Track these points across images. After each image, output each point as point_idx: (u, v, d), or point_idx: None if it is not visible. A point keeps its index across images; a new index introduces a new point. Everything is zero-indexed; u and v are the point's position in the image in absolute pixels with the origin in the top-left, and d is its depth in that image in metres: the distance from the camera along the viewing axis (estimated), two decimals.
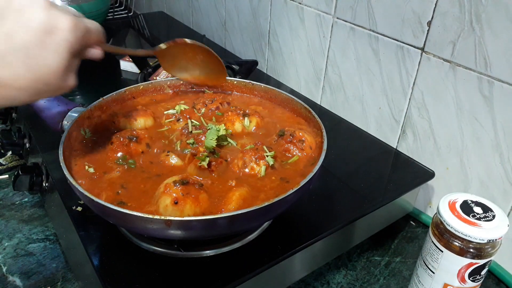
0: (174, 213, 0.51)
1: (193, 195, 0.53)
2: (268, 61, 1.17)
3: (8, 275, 0.69)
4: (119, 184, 0.57)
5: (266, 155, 0.61)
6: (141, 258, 0.58)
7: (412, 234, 0.81)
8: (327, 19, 0.93)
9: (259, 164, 0.60)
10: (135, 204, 0.55)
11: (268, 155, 0.61)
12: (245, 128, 0.70)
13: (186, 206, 0.52)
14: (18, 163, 0.95)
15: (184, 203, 0.52)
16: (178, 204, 0.52)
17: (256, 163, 0.60)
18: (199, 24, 1.45)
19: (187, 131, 0.67)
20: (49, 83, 0.45)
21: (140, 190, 0.57)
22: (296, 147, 0.64)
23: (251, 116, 0.71)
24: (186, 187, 0.53)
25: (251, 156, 0.61)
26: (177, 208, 0.52)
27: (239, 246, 0.60)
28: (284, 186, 0.58)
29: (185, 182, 0.54)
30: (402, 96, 0.83)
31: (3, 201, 0.85)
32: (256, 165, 0.60)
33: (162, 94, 0.80)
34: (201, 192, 0.54)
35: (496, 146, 0.69)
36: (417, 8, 0.75)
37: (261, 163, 0.60)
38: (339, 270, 0.72)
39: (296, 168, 0.62)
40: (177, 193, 0.52)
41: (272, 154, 0.61)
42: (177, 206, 0.52)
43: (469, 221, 0.54)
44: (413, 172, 0.80)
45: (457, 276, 0.56)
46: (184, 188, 0.53)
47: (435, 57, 0.75)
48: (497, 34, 0.65)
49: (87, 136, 0.66)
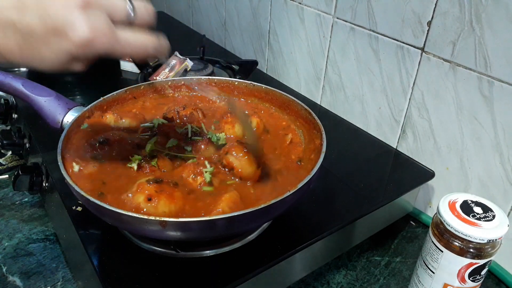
0: (148, 211, 0.51)
1: (167, 192, 0.52)
2: (268, 61, 1.16)
3: (8, 275, 0.69)
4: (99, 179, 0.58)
5: (205, 171, 0.58)
6: (141, 258, 0.58)
7: (412, 234, 0.81)
8: (327, 19, 0.93)
9: (196, 180, 0.57)
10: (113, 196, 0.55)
11: (207, 171, 0.58)
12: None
13: (160, 203, 0.51)
14: (18, 163, 0.95)
15: (158, 199, 0.51)
16: (151, 200, 0.51)
17: (193, 178, 0.58)
18: (199, 24, 1.45)
19: (186, 137, 0.65)
20: (44, 68, 0.43)
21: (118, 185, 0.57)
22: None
23: (251, 117, 0.71)
24: (160, 185, 0.53)
25: (189, 171, 0.58)
26: (151, 204, 0.51)
27: (239, 246, 0.60)
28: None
29: (159, 181, 0.54)
30: (402, 96, 0.83)
31: (3, 201, 0.85)
32: (193, 181, 0.57)
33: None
34: (175, 190, 0.53)
35: (496, 146, 0.69)
36: (417, 8, 0.75)
37: (198, 179, 0.57)
38: (339, 270, 0.72)
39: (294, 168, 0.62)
40: (150, 190, 0.52)
41: (211, 170, 0.58)
42: (150, 202, 0.51)
43: (469, 221, 0.54)
44: (413, 172, 0.80)
45: (457, 276, 0.56)
46: (158, 186, 0.53)
47: (435, 57, 0.75)
48: (497, 34, 0.65)
49: (82, 128, 0.66)
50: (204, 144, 0.64)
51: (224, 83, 0.80)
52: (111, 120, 0.69)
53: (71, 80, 1.13)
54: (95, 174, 0.59)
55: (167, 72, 1.00)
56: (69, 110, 0.68)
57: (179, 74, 1.00)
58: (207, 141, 0.64)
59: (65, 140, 0.61)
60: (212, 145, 0.64)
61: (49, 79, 0.68)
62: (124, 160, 0.61)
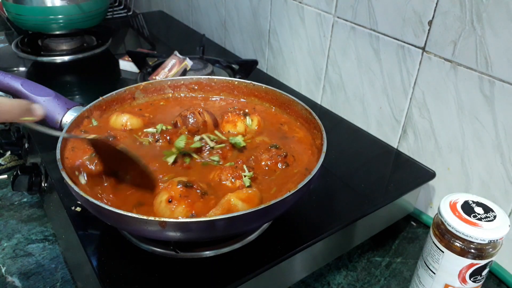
0: (165, 211, 0.51)
1: (189, 200, 0.52)
2: (268, 60, 1.16)
3: (7, 275, 0.69)
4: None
5: (244, 175, 0.58)
6: (140, 258, 0.58)
7: (413, 234, 0.81)
8: (328, 18, 0.93)
9: (235, 184, 0.57)
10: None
11: (246, 175, 0.58)
12: (247, 127, 0.70)
13: (178, 208, 0.51)
14: (17, 163, 0.95)
15: (178, 204, 0.51)
16: (171, 202, 0.51)
17: (231, 182, 0.58)
18: (199, 23, 1.45)
19: (209, 147, 0.64)
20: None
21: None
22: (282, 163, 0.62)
23: (252, 115, 0.71)
24: (188, 190, 0.53)
25: (227, 174, 0.58)
26: (169, 206, 0.51)
27: (239, 246, 0.60)
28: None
29: (189, 185, 0.53)
30: (403, 96, 0.82)
31: (2, 201, 0.84)
32: (231, 184, 0.57)
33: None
34: (200, 200, 0.53)
35: (497, 146, 0.69)
36: (418, 7, 0.74)
37: (237, 182, 0.57)
38: (340, 271, 0.72)
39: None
40: (175, 192, 0.52)
41: (251, 175, 0.58)
42: (170, 204, 0.51)
43: (470, 221, 0.54)
44: (414, 172, 0.80)
45: (458, 277, 0.56)
46: (185, 191, 0.52)
47: (436, 57, 0.74)
48: (498, 33, 0.64)
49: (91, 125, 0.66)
50: (227, 150, 0.64)
51: (224, 82, 0.80)
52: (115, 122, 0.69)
53: (70, 80, 1.13)
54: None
55: (167, 72, 1.00)
56: (68, 109, 0.68)
57: (179, 73, 0.99)
58: (230, 146, 0.65)
59: (64, 140, 0.60)
60: (235, 149, 0.65)
61: (48, 79, 0.68)
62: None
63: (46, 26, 1.16)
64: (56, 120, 0.67)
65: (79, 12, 1.15)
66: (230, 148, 0.64)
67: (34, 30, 1.20)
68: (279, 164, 0.62)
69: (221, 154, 0.63)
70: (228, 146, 0.64)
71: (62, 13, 1.14)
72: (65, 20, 1.15)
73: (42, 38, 1.24)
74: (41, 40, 1.24)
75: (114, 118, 0.70)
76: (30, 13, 1.13)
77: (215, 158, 0.62)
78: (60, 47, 1.23)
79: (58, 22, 1.15)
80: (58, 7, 1.13)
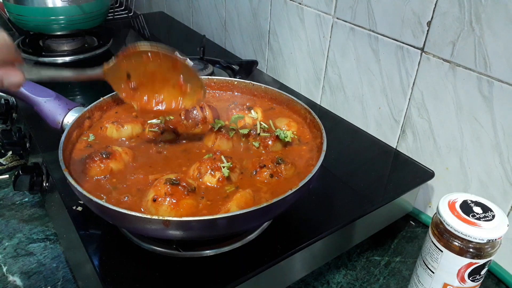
0: (151, 210, 0.52)
1: (174, 199, 0.52)
2: (268, 61, 1.17)
3: (9, 275, 0.69)
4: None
5: (223, 166, 0.58)
6: (141, 258, 0.58)
7: (411, 234, 0.81)
8: (327, 19, 0.93)
9: (214, 175, 0.58)
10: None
11: (225, 166, 0.58)
12: (254, 120, 0.71)
13: (162, 207, 0.52)
14: (19, 163, 0.95)
15: (161, 202, 0.52)
16: (155, 202, 0.52)
17: (211, 174, 0.58)
18: (199, 24, 1.45)
19: (255, 133, 0.67)
20: None
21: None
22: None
23: (255, 108, 0.72)
24: (174, 188, 0.53)
25: (206, 166, 0.59)
26: (154, 206, 0.52)
27: (239, 246, 0.60)
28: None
29: (176, 183, 0.53)
30: (402, 96, 0.83)
31: (3, 201, 0.85)
32: (211, 176, 0.58)
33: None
34: (185, 198, 0.53)
35: (495, 146, 0.69)
36: (416, 8, 0.75)
37: (217, 174, 0.58)
38: (339, 270, 0.72)
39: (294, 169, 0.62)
40: (162, 189, 0.52)
41: (229, 165, 0.59)
42: (154, 203, 0.52)
43: (469, 221, 0.54)
44: (412, 172, 0.80)
45: (457, 276, 0.56)
46: (172, 188, 0.52)
47: (434, 57, 0.75)
48: (497, 34, 0.65)
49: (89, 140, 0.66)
50: (272, 140, 0.66)
51: (224, 82, 0.80)
52: (112, 132, 0.68)
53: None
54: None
55: None
56: (69, 110, 0.68)
57: None
58: (274, 138, 0.67)
59: (66, 140, 0.61)
60: (279, 141, 0.67)
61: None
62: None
63: (47, 27, 1.17)
64: (57, 120, 0.68)
65: (80, 12, 1.16)
66: (274, 140, 0.66)
67: (36, 30, 1.21)
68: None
69: (262, 143, 0.66)
70: (273, 138, 0.66)
71: (63, 14, 1.14)
72: (66, 20, 1.16)
73: (43, 38, 1.25)
74: (43, 40, 1.25)
75: (110, 130, 0.68)
76: (31, 14, 1.14)
77: (256, 143, 0.66)
78: (61, 47, 1.23)
79: (59, 23, 1.16)
80: (60, 7, 1.13)
